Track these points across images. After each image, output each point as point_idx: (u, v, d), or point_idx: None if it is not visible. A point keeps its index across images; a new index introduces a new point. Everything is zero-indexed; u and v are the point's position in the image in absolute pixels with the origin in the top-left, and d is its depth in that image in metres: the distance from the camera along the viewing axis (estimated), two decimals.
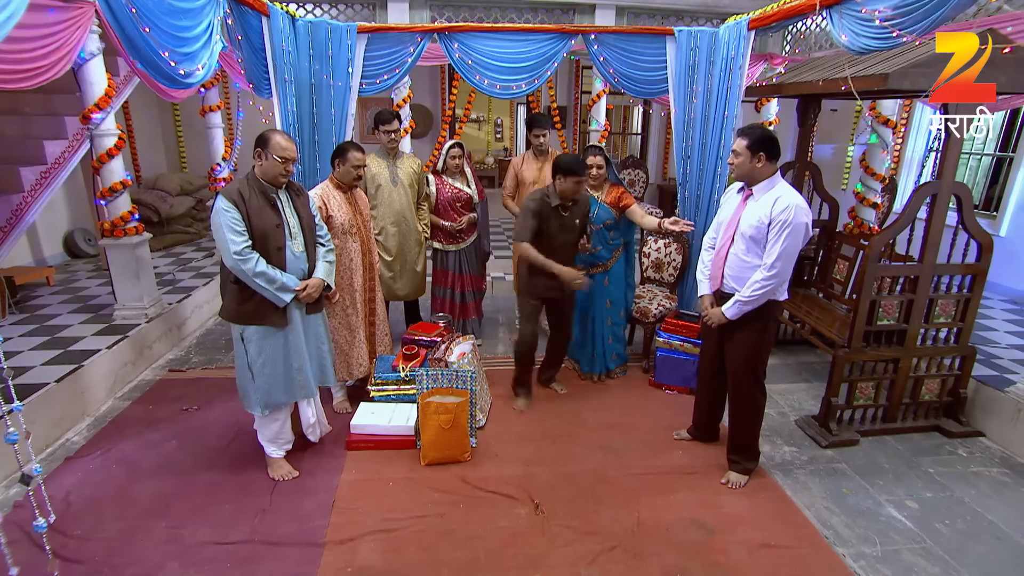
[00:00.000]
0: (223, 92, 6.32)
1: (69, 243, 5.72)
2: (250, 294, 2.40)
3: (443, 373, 2.82)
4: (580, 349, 3.75)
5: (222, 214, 2.28)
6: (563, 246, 3.12)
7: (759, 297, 2.43)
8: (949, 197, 2.85)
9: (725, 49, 3.86)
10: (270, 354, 2.50)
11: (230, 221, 2.28)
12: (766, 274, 2.38)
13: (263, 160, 2.37)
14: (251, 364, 2.49)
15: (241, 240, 2.30)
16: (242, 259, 2.29)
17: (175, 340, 4.20)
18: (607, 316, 3.62)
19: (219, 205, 2.29)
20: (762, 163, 2.39)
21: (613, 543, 2.32)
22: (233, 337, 2.52)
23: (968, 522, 2.50)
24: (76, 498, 2.52)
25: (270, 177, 2.39)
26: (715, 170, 4.02)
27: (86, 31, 2.92)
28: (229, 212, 2.28)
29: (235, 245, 2.28)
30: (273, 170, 2.38)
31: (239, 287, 2.40)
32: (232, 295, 2.42)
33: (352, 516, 2.45)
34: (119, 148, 3.57)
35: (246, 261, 2.30)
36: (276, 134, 2.38)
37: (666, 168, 8.57)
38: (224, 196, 2.30)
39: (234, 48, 3.76)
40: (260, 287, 2.35)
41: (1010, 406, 3.04)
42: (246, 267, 2.30)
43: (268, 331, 2.47)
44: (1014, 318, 4.32)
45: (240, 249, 2.28)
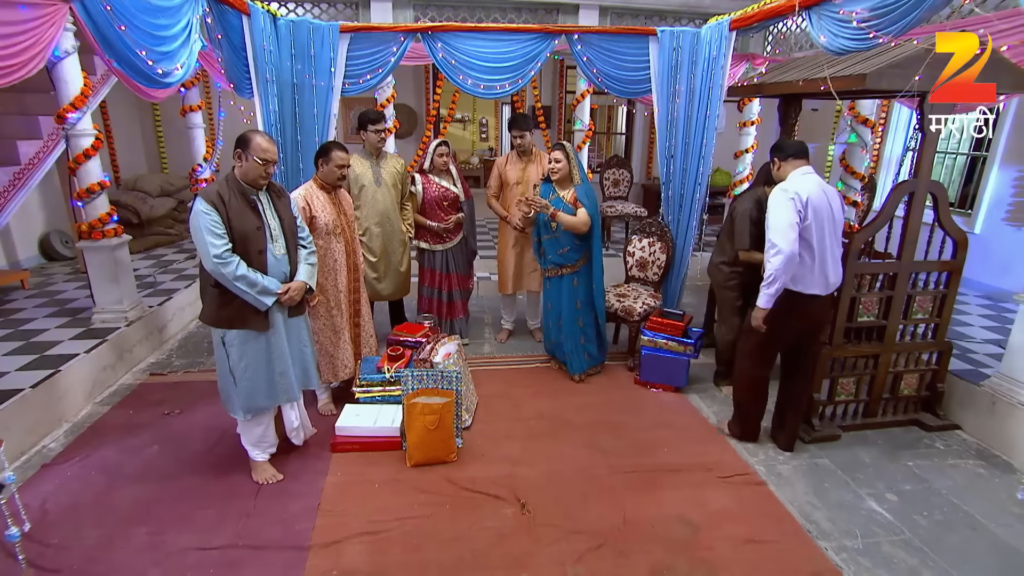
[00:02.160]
0: (204, 92, 6.23)
1: (45, 245, 5.60)
2: (231, 298, 2.36)
3: (428, 374, 2.81)
4: (559, 350, 3.78)
5: (201, 216, 2.24)
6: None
7: (769, 278, 2.58)
8: (926, 195, 2.91)
9: (707, 49, 3.90)
10: (252, 358, 2.47)
11: (209, 224, 2.24)
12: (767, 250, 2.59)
13: (243, 161, 2.33)
14: (233, 368, 2.45)
15: (221, 243, 2.26)
16: (222, 263, 2.25)
17: (156, 343, 4.14)
18: (577, 316, 3.64)
19: (198, 207, 2.25)
20: (779, 167, 2.73)
21: (599, 541, 2.33)
22: (214, 341, 2.48)
23: (945, 513, 2.55)
24: (53, 506, 2.46)
25: (250, 179, 2.36)
26: (698, 169, 4.06)
27: (60, 29, 2.85)
28: (208, 215, 2.24)
29: (215, 248, 2.24)
30: (253, 172, 2.34)
31: (219, 291, 2.35)
32: (212, 299, 2.39)
33: (338, 518, 2.43)
34: (96, 148, 3.50)
35: (226, 265, 2.26)
36: (257, 135, 2.34)
37: (650, 167, 8.62)
38: (203, 198, 2.26)
39: (214, 47, 3.71)
40: (241, 291, 2.32)
41: (985, 399, 3.11)
42: (226, 271, 2.26)
43: (249, 335, 2.44)
44: (988, 313, 4.42)
45: (220, 252, 2.25)
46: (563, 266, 3.56)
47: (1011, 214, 5.03)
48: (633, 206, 6.67)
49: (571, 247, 3.51)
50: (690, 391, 3.64)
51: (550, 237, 3.54)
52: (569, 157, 3.46)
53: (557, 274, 3.59)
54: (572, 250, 3.52)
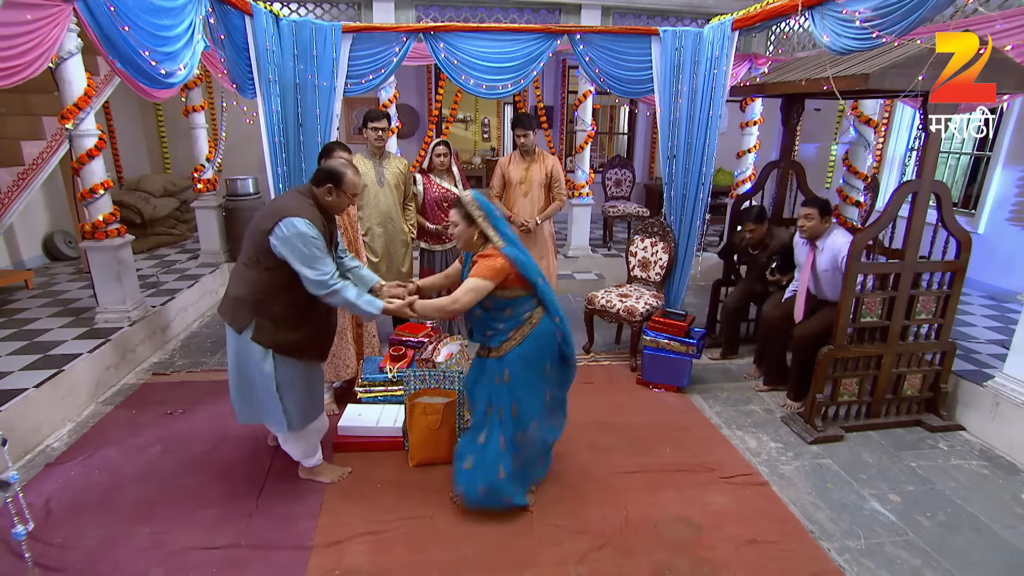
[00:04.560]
0: (207, 92, 6.24)
1: (49, 245, 5.61)
2: (300, 324, 2.31)
3: (430, 374, 2.81)
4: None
5: (310, 241, 2.15)
6: None
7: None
8: (929, 195, 2.89)
9: (709, 49, 3.89)
10: (300, 379, 2.42)
11: (317, 248, 2.17)
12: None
13: (334, 196, 2.30)
14: (280, 386, 2.34)
15: (331, 268, 2.21)
16: (335, 286, 2.20)
17: (159, 343, 4.15)
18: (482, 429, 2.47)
19: (311, 233, 2.15)
20: (826, 222, 3.27)
21: (602, 541, 2.32)
22: (251, 355, 2.29)
23: (949, 514, 2.55)
24: (57, 505, 2.47)
25: (335, 210, 2.37)
26: (700, 169, 4.05)
27: (64, 29, 2.86)
28: (318, 240, 2.18)
29: (325, 274, 2.18)
30: (344, 205, 2.38)
31: (291, 313, 2.27)
32: (277, 321, 2.27)
33: (340, 518, 2.43)
34: (100, 149, 3.51)
35: (337, 287, 2.21)
36: (348, 170, 2.31)
37: (652, 167, 8.61)
38: (310, 221, 2.17)
39: (217, 48, 3.71)
40: (349, 308, 2.29)
41: (988, 400, 3.09)
42: (338, 293, 2.21)
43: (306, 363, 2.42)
44: (992, 313, 4.41)
45: (330, 277, 2.19)
46: (487, 348, 2.41)
47: (1015, 214, 5.01)
48: (635, 206, 6.67)
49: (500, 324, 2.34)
50: (692, 391, 3.63)
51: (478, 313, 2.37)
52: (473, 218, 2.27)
53: (482, 355, 2.47)
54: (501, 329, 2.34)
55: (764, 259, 3.79)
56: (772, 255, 3.75)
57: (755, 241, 3.81)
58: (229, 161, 6.17)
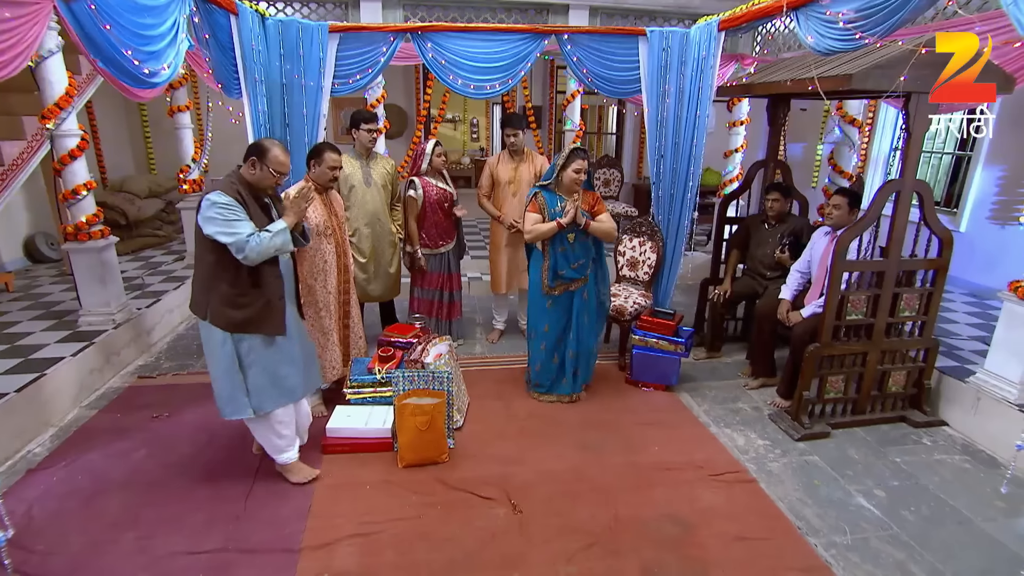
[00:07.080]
0: (192, 92, 6.18)
1: (30, 247, 5.52)
2: (247, 300, 2.34)
3: (419, 375, 2.80)
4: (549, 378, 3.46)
5: (225, 209, 2.19)
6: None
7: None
8: (912, 194, 2.94)
9: (696, 49, 3.92)
10: (262, 359, 2.43)
11: (230, 213, 2.21)
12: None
13: (256, 169, 2.33)
14: (243, 364, 2.40)
15: (246, 229, 2.22)
16: (250, 241, 2.21)
17: (144, 346, 4.09)
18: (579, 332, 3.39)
19: (220, 200, 2.20)
20: (853, 214, 3.23)
21: (591, 540, 2.33)
22: (212, 339, 2.37)
23: (932, 508, 2.58)
24: (39, 511, 2.43)
25: (261, 187, 2.38)
26: (688, 168, 4.07)
27: (44, 28, 2.81)
28: (232, 208, 2.22)
29: (240, 233, 2.20)
30: (266, 181, 2.36)
31: (235, 291, 2.32)
32: (224, 299, 2.32)
33: (329, 520, 2.42)
34: (82, 149, 3.46)
35: (251, 242, 2.22)
36: (275, 147, 2.34)
37: (640, 167, 8.65)
38: (225, 192, 2.24)
39: (201, 47, 3.67)
40: (277, 247, 2.29)
41: (970, 395, 3.15)
42: (257, 247, 2.22)
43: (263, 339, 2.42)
44: (974, 310, 4.48)
45: (245, 235, 2.21)
46: (575, 280, 3.28)
47: (995, 213, 5.10)
48: (624, 205, 6.69)
49: (585, 259, 3.27)
50: (681, 390, 3.66)
51: (564, 250, 3.22)
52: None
53: (568, 290, 3.29)
54: (586, 260, 3.29)
55: (778, 235, 3.83)
56: (785, 234, 3.80)
57: (776, 213, 3.86)
58: (215, 162, 6.10)
